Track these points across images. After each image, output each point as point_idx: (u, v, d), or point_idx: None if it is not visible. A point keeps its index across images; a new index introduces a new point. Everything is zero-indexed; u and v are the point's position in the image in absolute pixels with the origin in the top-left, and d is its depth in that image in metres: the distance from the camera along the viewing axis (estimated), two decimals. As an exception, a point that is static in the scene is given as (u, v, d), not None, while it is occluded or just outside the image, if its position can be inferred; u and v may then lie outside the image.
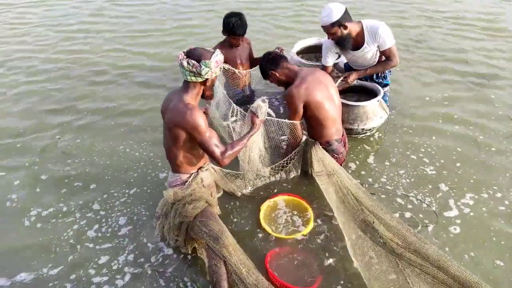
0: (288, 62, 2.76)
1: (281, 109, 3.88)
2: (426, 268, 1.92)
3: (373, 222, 2.22)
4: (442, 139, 3.36)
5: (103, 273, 2.31)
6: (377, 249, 2.15)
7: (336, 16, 2.87)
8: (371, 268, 2.07)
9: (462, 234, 2.43)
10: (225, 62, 3.28)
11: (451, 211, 2.61)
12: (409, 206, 2.68)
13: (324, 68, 3.31)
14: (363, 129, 3.21)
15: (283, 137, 2.85)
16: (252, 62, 3.75)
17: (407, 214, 2.61)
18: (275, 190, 2.87)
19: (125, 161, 3.29)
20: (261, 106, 2.45)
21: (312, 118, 2.67)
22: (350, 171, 3.02)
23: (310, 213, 2.62)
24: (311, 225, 2.53)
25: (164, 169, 3.12)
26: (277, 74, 2.73)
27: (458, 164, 3.04)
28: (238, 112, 2.86)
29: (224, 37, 3.52)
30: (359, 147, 3.29)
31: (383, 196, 2.79)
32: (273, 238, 2.48)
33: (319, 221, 2.59)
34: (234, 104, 2.94)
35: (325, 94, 2.62)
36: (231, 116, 2.93)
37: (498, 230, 2.45)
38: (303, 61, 3.78)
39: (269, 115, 2.56)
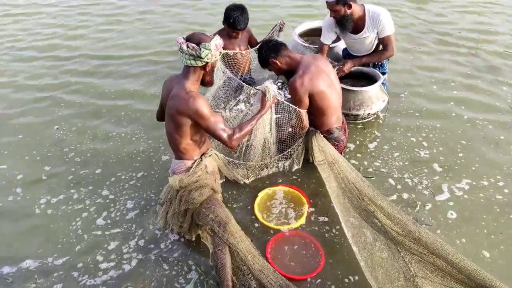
0: (289, 50, 2.68)
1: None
2: (426, 256, 1.98)
3: (374, 211, 2.26)
4: (446, 125, 3.38)
5: (111, 259, 2.36)
6: (377, 237, 2.19)
7: None
8: (373, 256, 2.11)
9: (458, 219, 2.47)
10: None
11: (449, 195, 2.66)
12: (400, 187, 2.74)
13: (322, 45, 3.29)
14: (369, 113, 3.23)
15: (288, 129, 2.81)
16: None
17: (405, 195, 2.67)
18: (280, 181, 2.87)
19: (123, 145, 3.33)
20: (269, 88, 2.41)
21: (315, 108, 2.64)
22: (347, 150, 3.07)
23: (305, 209, 2.59)
24: (302, 220, 2.52)
25: (168, 152, 3.13)
26: (278, 63, 2.64)
27: (459, 151, 3.07)
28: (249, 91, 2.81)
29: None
30: (358, 130, 3.34)
31: (373, 178, 2.82)
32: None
33: (321, 209, 2.61)
34: (244, 84, 2.93)
35: (327, 83, 2.60)
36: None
37: (491, 219, 2.48)
38: (302, 42, 3.72)
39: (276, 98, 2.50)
